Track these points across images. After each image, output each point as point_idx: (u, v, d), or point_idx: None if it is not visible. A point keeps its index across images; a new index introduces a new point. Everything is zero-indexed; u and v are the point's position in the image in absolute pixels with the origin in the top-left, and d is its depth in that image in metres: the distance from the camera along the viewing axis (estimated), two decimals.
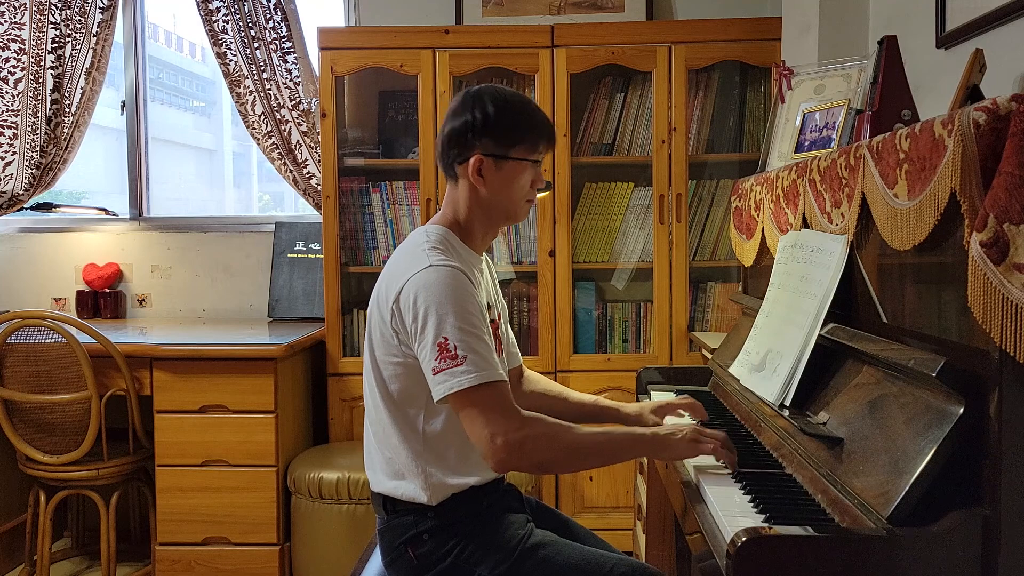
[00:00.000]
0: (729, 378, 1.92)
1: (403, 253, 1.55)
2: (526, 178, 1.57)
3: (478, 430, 1.38)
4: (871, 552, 1.08)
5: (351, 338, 3.11)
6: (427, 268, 1.45)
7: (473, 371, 1.38)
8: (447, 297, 1.41)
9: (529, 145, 1.56)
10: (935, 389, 1.18)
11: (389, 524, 1.56)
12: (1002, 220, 1.00)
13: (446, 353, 1.39)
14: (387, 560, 1.58)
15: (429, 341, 1.41)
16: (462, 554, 1.50)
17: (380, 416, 1.55)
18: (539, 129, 1.57)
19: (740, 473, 1.50)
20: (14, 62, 3.32)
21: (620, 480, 3.00)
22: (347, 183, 3.10)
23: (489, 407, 1.38)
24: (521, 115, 1.56)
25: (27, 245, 3.51)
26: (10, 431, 2.69)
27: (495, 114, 1.53)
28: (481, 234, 1.61)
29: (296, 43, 3.25)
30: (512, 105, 1.56)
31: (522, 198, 1.59)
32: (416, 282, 1.44)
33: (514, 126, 1.54)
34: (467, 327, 1.40)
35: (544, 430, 1.42)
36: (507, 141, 1.54)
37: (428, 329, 1.41)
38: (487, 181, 1.55)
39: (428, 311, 1.41)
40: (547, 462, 1.45)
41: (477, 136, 1.53)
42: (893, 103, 1.70)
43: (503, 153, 1.54)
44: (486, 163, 1.54)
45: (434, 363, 1.40)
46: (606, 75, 3.08)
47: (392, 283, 1.49)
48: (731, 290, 2.98)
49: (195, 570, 2.75)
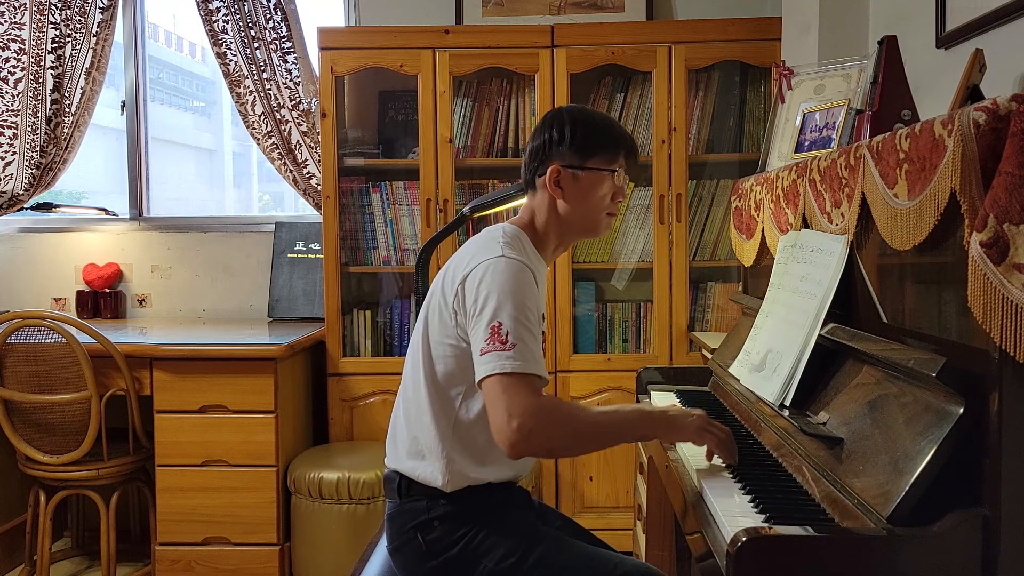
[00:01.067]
0: (729, 378, 1.92)
1: (478, 242, 1.58)
2: (605, 189, 1.59)
3: (499, 412, 1.39)
4: (871, 552, 1.08)
5: (351, 338, 3.11)
6: (499, 257, 1.48)
7: (518, 359, 1.40)
8: (511, 287, 1.45)
9: (607, 156, 1.58)
10: (935, 389, 1.18)
11: (401, 508, 1.57)
12: (1002, 220, 1.00)
13: (497, 336, 1.41)
14: (394, 546, 1.58)
15: (484, 322, 1.43)
16: (470, 543, 1.51)
17: (418, 395, 1.56)
18: (617, 140, 1.60)
19: (740, 473, 1.50)
20: (14, 62, 3.32)
21: (620, 480, 3.00)
22: (347, 183, 3.10)
23: (516, 394, 1.39)
24: (598, 127, 1.59)
25: (27, 245, 3.51)
26: (10, 431, 2.69)
27: (572, 127, 1.58)
28: (554, 245, 1.64)
29: (296, 43, 3.25)
30: (590, 118, 1.60)
31: (602, 210, 1.61)
32: (486, 267, 1.47)
33: (591, 137, 1.58)
34: (523, 319, 1.43)
35: (559, 417, 1.43)
36: (584, 152, 1.57)
37: (486, 311, 1.43)
38: (565, 192, 1.58)
39: (490, 295, 1.44)
40: (556, 446, 1.48)
41: (555, 148, 1.58)
42: (893, 103, 1.70)
43: (580, 164, 1.57)
44: (564, 174, 1.57)
45: (484, 344, 1.42)
46: (606, 75, 3.08)
47: (462, 265, 1.53)
48: (731, 290, 2.98)
49: (195, 570, 2.75)
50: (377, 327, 3.14)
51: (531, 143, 1.62)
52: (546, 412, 1.40)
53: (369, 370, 3.03)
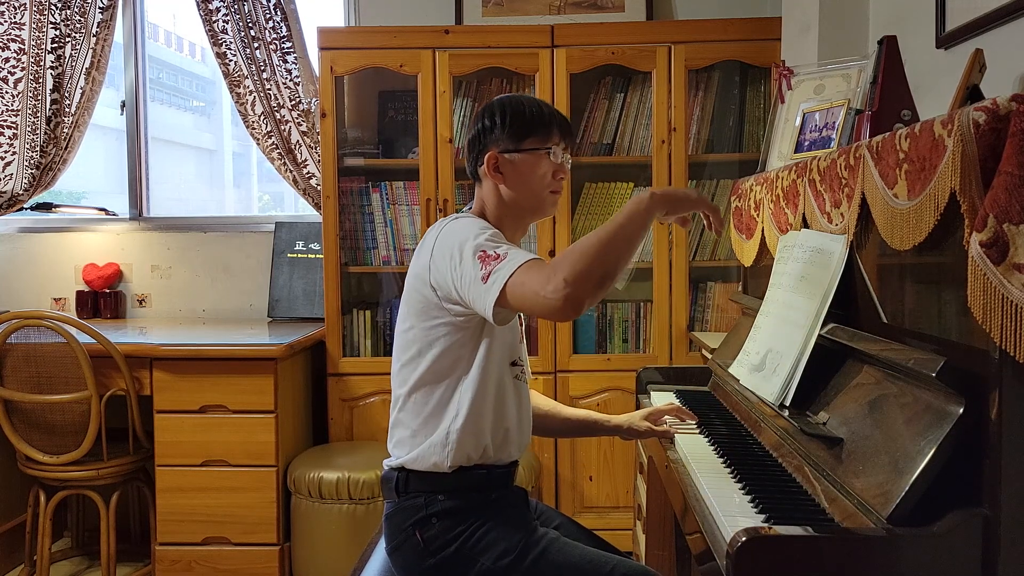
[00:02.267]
0: (729, 378, 1.92)
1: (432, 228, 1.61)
2: (543, 168, 1.61)
3: (530, 296, 1.35)
4: (871, 552, 1.08)
5: (351, 338, 3.11)
6: (452, 221, 1.53)
7: (517, 257, 1.40)
8: (475, 228, 1.47)
9: (540, 135, 1.61)
10: (935, 389, 1.18)
11: (399, 506, 1.57)
12: (1002, 220, 1.00)
13: (487, 257, 1.42)
14: (392, 545, 1.59)
15: (469, 260, 1.43)
16: (468, 541, 1.51)
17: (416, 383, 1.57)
18: (548, 119, 1.62)
19: (740, 473, 1.50)
20: (14, 62, 3.32)
21: (620, 480, 3.00)
22: (347, 183, 3.10)
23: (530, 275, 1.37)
24: (528, 109, 1.62)
25: (27, 245, 3.51)
26: (10, 431, 2.69)
27: (502, 113, 1.61)
28: (510, 231, 1.65)
29: (296, 43, 3.25)
30: (518, 102, 1.64)
31: (544, 189, 1.63)
32: (446, 232, 1.51)
33: (522, 119, 1.61)
34: (498, 239, 1.46)
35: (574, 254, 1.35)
36: (518, 135, 1.60)
37: (466, 254, 1.44)
38: (505, 176, 1.61)
39: (462, 243, 1.45)
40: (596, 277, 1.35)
41: (489, 136, 1.62)
42: (893, 103, 1.70)
43: (515, 147, 1.60)
44: (501, 159, 1.60)
45: (480, 272, 1.41)
46: (606, 75, 3.08)
47: (425, 245, 1.56)
48: (731, 290, 2.98)
49: (195, 570, 2.75)
50: (377, 327, 3.14)
51: (468, 135, 1.67)
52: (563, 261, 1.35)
53: (369, 370, 3.03)
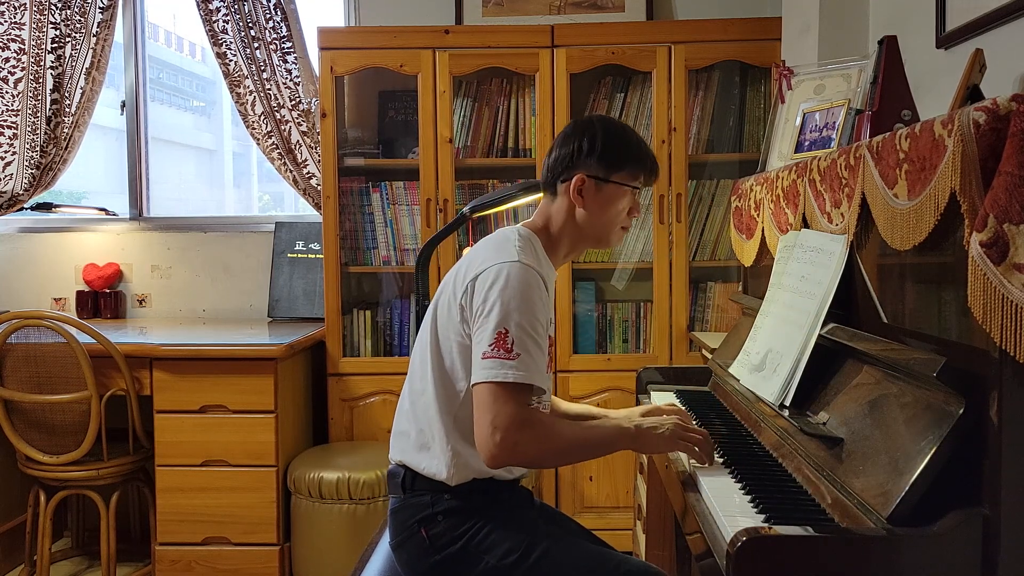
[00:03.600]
0: (729, 378, 1.92)
1: (492, 242, 1.59)
2: (624, 204, 1.62)
3: (483, 423, 1.42)
4: (871, 552, 1.08)
5: (351, 338, 3.11)
6: (515, 262, 1.49)
7: (521, 369, 1.42)
8: (522, 295, 1.46)
9: (631, 172, 1.61)
10: (935, 389, 1.18)
11: (404, 503, 1.58)
12: (1002, 220, 1.00)
13: (503, 344, 1.43)
14: (397, 541, 1.59)
15: (491, 327, 1.44)
16: (473, 539, 1.52)
17: (425, 387, 1.57)
18: (643, 158, 1.63)
19: (740, 473, 1.50)
20: (14, 62, 3.32)
21: (620, 480, 3.00)
22: (347, 183, 3.10)
23: (505, 404, 1.41)
24: (628, 142, 1.62)
25: (27, 245, 3.51)
26: (10, 431, 2.69)
27: (603, 139, 1.60)
28: (565, 251, 1.66)
29: (296, 43, 3.25)
30: (621, 132, 1.63)
31: (617, 224, 1.64)
32: (500, 270, 1.48)
33: (619, 152, 1.60)
34: (530, 329, 1.45)
35: (541, 432, 1.45)
36: (611, 165, 1.60)
37: (493, 315, 1.45)
38: (586, 201, 1.60)
39: (500, 300, 1.45)
40: (535, 461, 1.53)
41: (583, 158, 1.60)
42: (893, 103, 1.70)
43: (605, 176, 1.60)
44: (588, 184, 1.59)
45: (487, 348, 1.44)
46: (606, 75, 3.08)
47: (476, 262, 1.54)
48: (731, 290, 2.98)
49: (195, 570, 2.75)
50: (377, 327, 3.14)
51: (559, 148, 1.63)
52: (530, 426, 1.42)
53: (369, 370, 3.03)
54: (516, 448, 1.41)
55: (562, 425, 1.51)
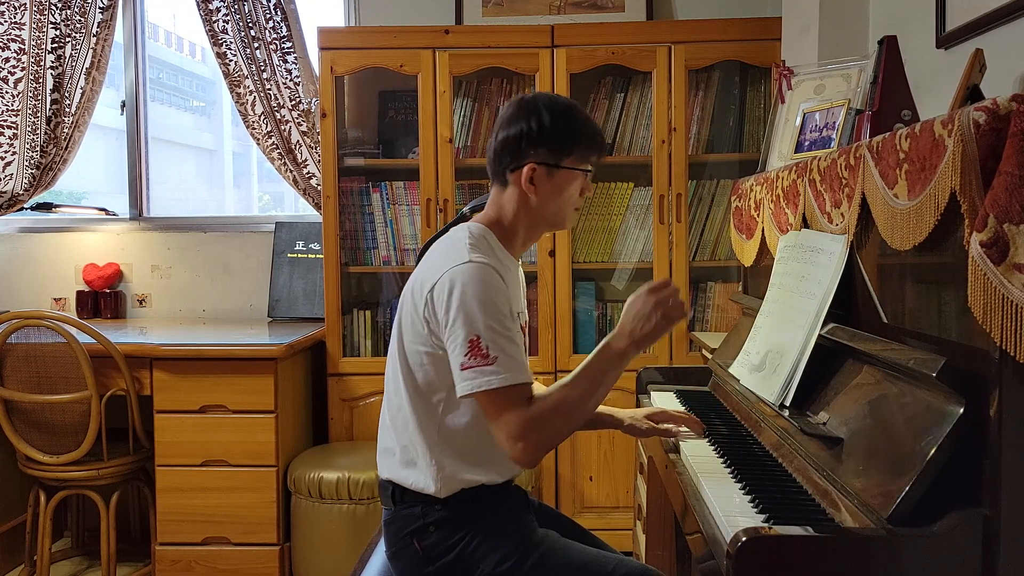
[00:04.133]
0: (729, 378, 1.92)
1: (443, 247, 1.56)
2: (576, 187, 1.59)
3: (501, 435, 1.42)
4: (871, 552, 1.08)
5: (351, 338, 3.11)
6: (466, 263, 1.46)
7: (502, 371, 1.40)
8: (482, 295, 1.43)
9: (581, 155, 1.57)
10: (935, 389, 1.18)
11: (396, 515, 1.57)
12: (1002, 220, 1.00)
13: (477, 351, 1.41)
14: (392, 551, 1.58)
15: (461, 337, 1.42)
16: (467, 548, 1.51)
17: (401, 403, 1.56)
18: (592, 139, 1.59)
19: (740, 473, 1.50)
20: (14, 62, 3.32)
21: (620, 480, 3.00)
22: (347, 183, 3.10)
23: (510, 412, 1.41)
24: (575, 124, 1.57)
25: (27, 245, 3.51)
26: (10, 431, 2.69)
27: (550, 123, 1.54)
28: (522, 239, 1.63)
29: (296, 43, 3.25)
30: (567, 114, 1.57)
31: (571, 206, 1.61)
32: (453, 275, 1.45)
33: (568, 135, 1.56)
34: (499, 327, 1.43)
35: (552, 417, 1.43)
36: (561, 150, 1.55)
37: (460, 324, 1.42)
38: (538, 189, 1.56)
39: (462, 307, 1.43)
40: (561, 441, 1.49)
41: (532, 145, 1.54)
42: (893, 103, 1.70)
43: (556, 162, 1.55)
44: (539, 172, 1.55)
45: (463, 359, 1.42)
46: (606, 75, 3.08)
47: (429, 273, 1.51)
48: (731, 290, 2.98)
49: (195, 570, 2.75)
50: (377, 327, 3.14)
51: (502, 132, 1.57)
52: (541, 421, 1.42)
53: (369, 370, 3.02)
54: (540, 446, 1.42)
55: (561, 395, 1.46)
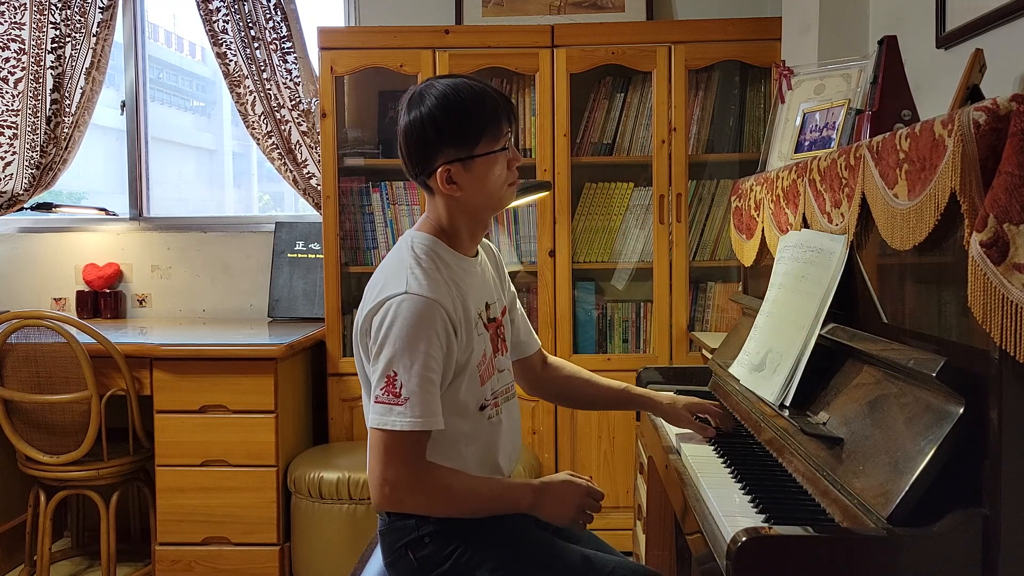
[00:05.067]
0: (729, 378, 1.92)
1: (389, 267, 1.51)
2: (499, 167, 1.48)
3: (376, 469, 1.42)
4: (871, 552, 1.08)
5: (351, 338, 3.10)
6: (402, 295, 1.41)
7: (408, 415, 1.38)
8: (408, 333, 1.39)
9: (491, 136, 1.45)
10: (935, 389, 1.18)
11: (390, 527, 1.56)
12: (1002, 220, 1.00)
13: (391, 387, 1.39)
14: (388, 561, 1.58)
15: (380, 368, 1.40)
16: (462, 557, 1.50)
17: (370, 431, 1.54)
18: (495, 114, 1.46)
19: (740, 473, 1.50)
20: (14, 62, 3.32)
21: (620, 480, 3.00)
22: (347, 183, 3.10)
23: (397, 455, 1.40)
24: (471, 107, 1.44)
25: (27, 245, 3.51)
26: (10, 431, 2.69)
27: (444, 117, 1.43)
28: (469, 234, 1.56)
29: (296, 43, 3.25)
30: (457, 101, 1.43)
31: (502, 186, 1.51)
32: (388, 307, 1.41)
33: (469, 123, 1.43)
34: (421, 369, 1.38)
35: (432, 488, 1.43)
36: (468, 140, 1.44)
37: (383, 357, 1.40)
38: (461, 186, 1.47)
39: (387, 340, 1.40)
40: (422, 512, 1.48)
41: (433, 147, 1.45)
42: (893, 103, 1.70)
43: (467, 155, 1.45)
44: (453, 170, 1.45)
45: (378, 392, 1.41)
46: (606, 75, 3.08)
47: (371, 298, 1.47)
48: (731, 290, 2.98)
49: (195, 570, 2.75)
50: None
51: (401, 138, 1.48)
52: (419, 487, 1.41)
53: None
54: (403, 504, 1.43)
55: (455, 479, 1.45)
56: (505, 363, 1.63)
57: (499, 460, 1.58)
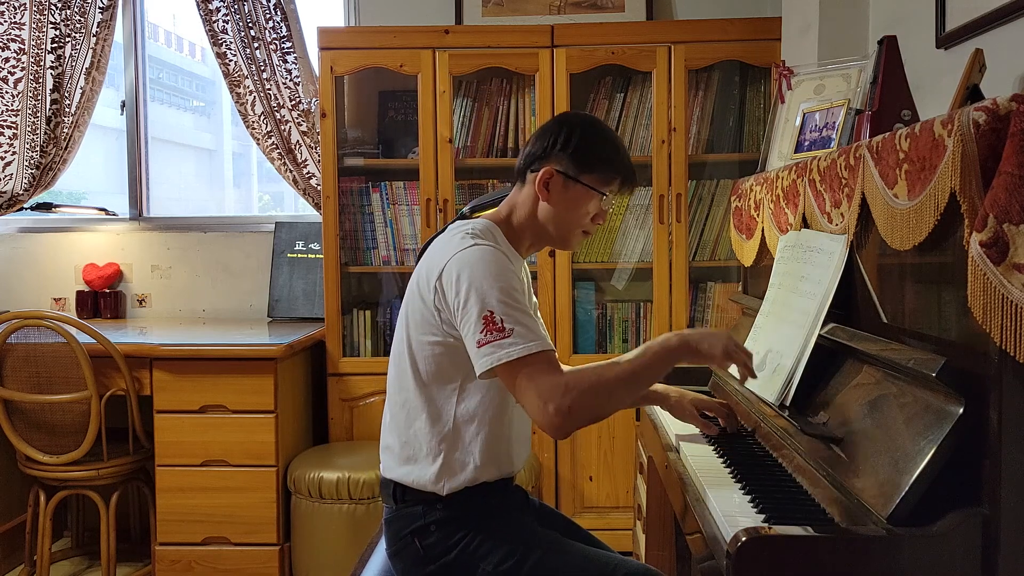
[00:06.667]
0: (729, 378, 1.92)
1: (445, 238, 1.55)
2: (590, 207, 1.57)
3: (531, 401, 1.38)
4: (871, 552, 1.08)
5: (351, 338, 3.11)
6: (471, 247, 1.46)
7: (521, 342, 1.38)
8: (490, 273, 1.42)
9: (603, 176, 1.56)
10: (935, 389, 1.18)
11: (397, 513, 1.57)
12: (1002, 220, 1.00)
13: (492, 326, 1.39)
14: (392, 550, 1.58)
15: (474, 315, 1.41)
16: (468, 547, 1.51)
17: (407, 398, 1.55)
18: (619, 165, 1.57)
19: (740, 473, 1.50)
20: (14, 62, 3.32)
21: (620, 480, 3.00)
22: (347, 183, 3.10)
23: (536, 378, 1.38)
24: (606, 146, 1.57)
25: (27, 245, 3.51)
26: (10, 431, 2.69)
27: (580, 135, 1.55)
28: (528, 243, 1.62)
29: (296, 43, 3.25)
30: (601, 134, 1.57)
31: (579, 226, 1.59)
32: (459, 260, 1.45)
33: (594, 153, 1.55)
34: (511, 301, 1.41)
35: (589, 386, 1.39)
36: (582, 164, 1.54)
37: (472, 303, 1.41)
38: (551, 196, 1.55)
39: (472, 286, 1.42)
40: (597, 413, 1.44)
41: (557, 151, 1.55)
42: (893, 103, 1.70)
43: (575, 174, 1.55)
44: (555, 178, 1.55)
45: (479, 336, 1.40)
46: (606, 75, 3.08)
47: (435, 263, 1.50)
48: (731, 290, 2.98)
49: (195, 570, 2.75)
50: (377, 327, 3.14)
51: (536, 140, 1.59)
52: (576, 387, 1.37)
53: (369, 370, 3.02)
54: (575, 411, 1.36)
55: (605, 368, 1.44)
56: None
57: (512, 452, 1.59)
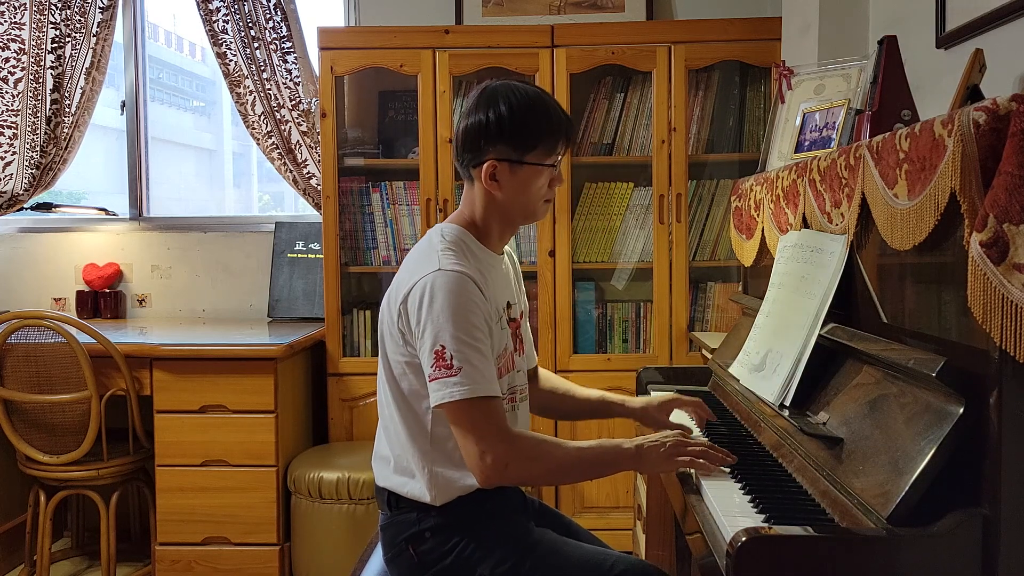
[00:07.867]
0: (729, 378, 1.92)
1: (418, 253, 1.54)
2: (543, 180, 1.53)
3: (467, 445, 1.40)
4: (871, 552, 1.08)
5: (351, 338, 3.11)
6: (436, 271, 1.43)
7: (467, 383, 1.38)
8: (450, 305, 1.40)
9: (546, 148, 1.51)
10: (935, 389, 1.18)
11: (392, 520, 1.56)
12: (1002, 220, 1.00)
13: (441, 361, 1.39)
14: (388, 556, 1.58)
15: (427, 346, 1.41)
16: (463, 553, 1.50)
17: (391, 412, 1.55)
18: (556, 131, 1.51)
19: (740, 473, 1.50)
20: (14, 62, 3.32)
21: (620, 480, 3.00)
22: (347, 183, 3.10)
23: (478, 423, 1.39)
24: (537, 117, 1.49)
25: (27, 245, 3.51)
26: (10, 431, 2.69)
27: (509, 117, 1.48)
28: (498, 234, 1.59)
29: (296, 43, 3.25)
30: (528, 106, 1.49)
31: (539, 199, 1.55)
32: (423, 284, 1.43)
33: (529, 130, 1.49)
34: (466, 338, 1.39)
35: (530, 451, 1.42)
36: (522, 146, 1.49)
37: (428, 334, 1.41)
38: (502, 185, 1.51)
39: (429, 316, 1.41)
40: (530, 480, 1.48)
41: (491, 140, 1.49)
42: (893, 103, 1.70)
43: (518, 158, 1.50)
44: (500, 168, 1.50)
45: (430, 370, 1.41)
46: (606, 75, 3.08)
47: (403, 283, 1.49)
48: (731, 290, 2.98)
49: (195, 570, 2.75)
50: (377, 327, 3.13)
51: (462, 123, 1.52)
52: (522, 452, 1.40)
53: (369, 370, 3.01)
54: (508, 472, 1.39)
55: (556, 444, 1.46)
56: (522, 363, 1.65)
57: None
